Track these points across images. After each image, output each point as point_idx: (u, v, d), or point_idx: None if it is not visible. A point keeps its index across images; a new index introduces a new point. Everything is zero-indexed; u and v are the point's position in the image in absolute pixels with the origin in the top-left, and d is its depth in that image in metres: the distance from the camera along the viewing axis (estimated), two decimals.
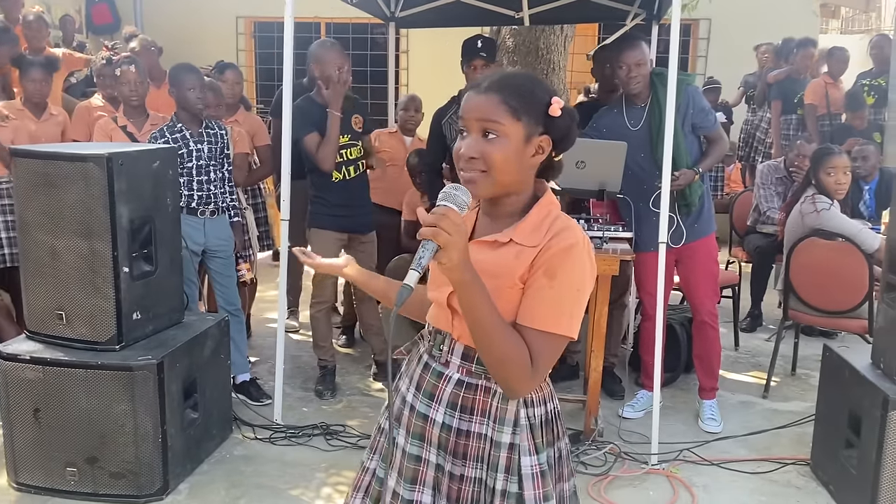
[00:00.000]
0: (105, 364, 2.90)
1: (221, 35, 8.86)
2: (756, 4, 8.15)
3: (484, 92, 1.49)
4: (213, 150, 3.81)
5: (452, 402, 1.58)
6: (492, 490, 1.56)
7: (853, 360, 3.10)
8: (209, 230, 3.83)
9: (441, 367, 1.61)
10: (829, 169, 4.08)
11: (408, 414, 1.64)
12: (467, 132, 1.51)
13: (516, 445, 1.56)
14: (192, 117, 3.78)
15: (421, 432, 1.61)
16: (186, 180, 3.75)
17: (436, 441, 1.60)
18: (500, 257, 1.50)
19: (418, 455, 1.62)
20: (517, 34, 5.46)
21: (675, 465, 3.37)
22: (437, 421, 1.59)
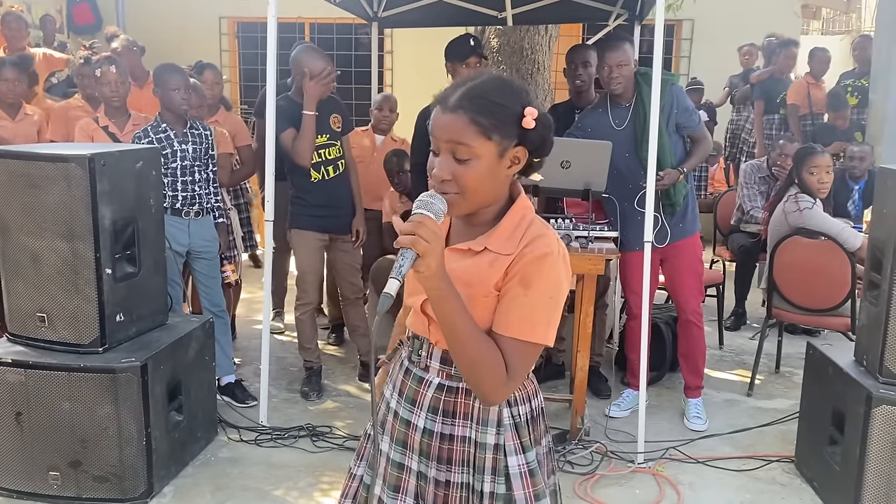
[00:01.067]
0: (88, 367, 2.87)
1: (204, 35, 8.80)
2: (738, 5, 8.21)
3: (452, 110, 1.42)
4: (197, 151, 3.79)
5: (433, 407, 1.57)
6: (479, 493, 1.55)
7: (836, 357, 3.13)
8: (194, 231, 3.80)
9: (421, 371, 1.60)
10: (812, 168, 4.11)
11: (391, 420, 1.64)
12: (438, 151, 1.45)
13: (501, 446, 1.55)
14: (177, 118, 3.76)
15: (404, 438, 1.61)
16: (171, 181, 3.72)
17: (417, 447, 1.59)
18: (474, 265, 1.48)
19: (401, 462, 1.61)
20: (502, 34, 5.47)
21: (661, 464, 3.39)
22: (418, 426, 1.58)
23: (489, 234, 1.49)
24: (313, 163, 3.83)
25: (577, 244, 3.37)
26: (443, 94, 1.47)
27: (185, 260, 3.85)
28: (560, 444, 3.46)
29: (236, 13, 8.92)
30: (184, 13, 8.72)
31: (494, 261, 1.47)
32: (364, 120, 5.25)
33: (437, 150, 1.46)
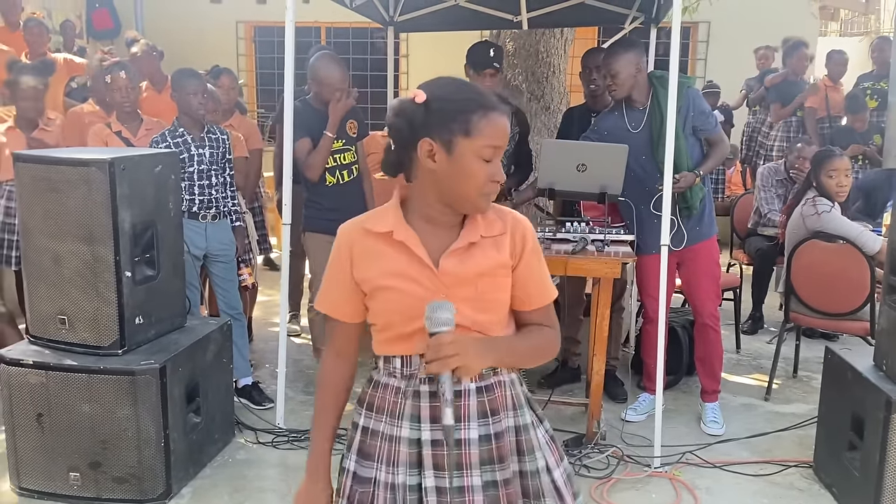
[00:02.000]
0: (108, 368, 2.90)
1: (222, 40, 8.88)
2: (755, 7, 8.17)
3: (506, 116, 1.50)
4: (214, 155, 3.82)
5: (481, 412, 1.57)
6: (534, 472, 1.60)
7: (855, 362, 3.10)
8: (211, 234, 3.83)
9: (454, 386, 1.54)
10: (831, 171, 4.08)
11: (431, 451, 1.53)
12: (494, 157, 1.49)
13: (533, 422, 1.66)
14: (194, 122, 3.79)
15: (458, 461, 1.54)
16: (188, 185, 3.76)
17: (477, 460, 1.55)
18: (483, 255, 1.54)
19: (460, 486, 1.53)
20: (517, 38, 5.48)
21: (677, 468, 3.37)
22: (472, 439, 1.55)
23: (472, 225, 1.55)
24: (328, 167, 3.86)
25: (594, 247, 3.37)
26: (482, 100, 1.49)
27: (202, 263, 3.89)
28: (576, 448, 3.46)
29: (253, 17, 8.99)
30: (201, 18, 8.80)
31: (496, 243, 1.56)
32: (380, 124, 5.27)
33: (493, 156, 1.49)
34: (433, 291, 1.50)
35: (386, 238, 1.53)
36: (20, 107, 4.24)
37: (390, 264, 1.53)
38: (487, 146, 1.46)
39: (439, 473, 1.52)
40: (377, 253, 1.54)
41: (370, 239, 1.55)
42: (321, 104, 3.84)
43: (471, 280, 1.52)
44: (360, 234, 1.57)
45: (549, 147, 3.60)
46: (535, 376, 4.31)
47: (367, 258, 1.55)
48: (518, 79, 5.47)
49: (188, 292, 3.68)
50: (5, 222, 4.28)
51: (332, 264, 1.61)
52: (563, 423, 3.76)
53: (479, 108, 1.46)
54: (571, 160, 3.44)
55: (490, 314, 1.56)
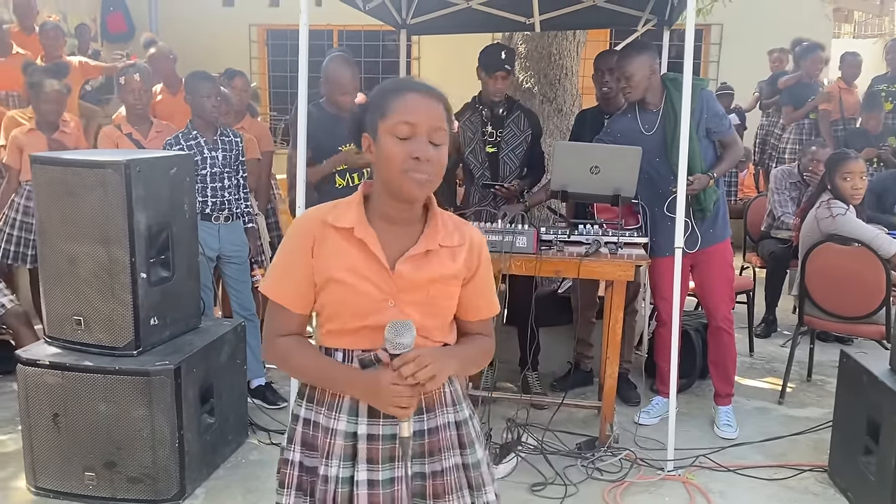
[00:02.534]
0: (123, 369, 2.92)
1: (235, 43, 8.92)
2: (768, 9, 8.13)
3: (431, 97, 1.52)
4: (227, 158, 3.84)
5: (417, 409, 1.59)
6: (473, 464, 1.65)
7: (871, 365, 3.08)
8: (224, 236, 3.86)
9: None
10: (846, 174, 4.05)
11: (366, 446, 1.57)
12: (413, 134, 1.50)
13: (471, 415, 1.71)
14: (208, 125, 3.82)
15: (391, 454, 1.58)
16: (200, 187, 3.78)
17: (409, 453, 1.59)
18: (439, 263, 1.58)
19: (391, 478, 1.58)
20: (529, 40, 5.47)
21: (691, 472, 3.36)
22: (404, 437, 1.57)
23: (432, 233, 1.59)
24: (339, 169, 3.87)
25: (607, 250, 3.37)
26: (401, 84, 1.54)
27: (215, 265, 3.91)
28: (589, 451, 3.45)
29: (266, 21, 9.03)
30: (215, 21, 8.85)
31: (453, 254, 1.60)
32: None
33: (411, 133, 1.50)
34: (385, 292, 1.54)
35: (346, 234, 1.56)
36: (42, 109, 4.28)
37: (347, 260, 1.55)
38: (400, 122, 1.49)
39: (372, 467, 1.57)
40: (336, 247, 1.56)
41: (330, 232, 1.57)
42: (332, 107, 3.85)
43: (423, 286, 1.57)
44: (321, 225, 1.59)
45: (562, 149, 3.60)
46: (547, 379, 4.31)
47: (325, 250, 1.57)
48: (530, 81, 5.47)
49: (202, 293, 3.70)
50: (23, 221, 4.35)
51: (288, 252, 1.61)
52: (575, 425, 3.75)
53: (393, 90, 1.52)
54: (584, 162, 3.44)
55: (436, 319, 1.61)
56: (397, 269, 1.55)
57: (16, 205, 4.38)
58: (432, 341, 1.61)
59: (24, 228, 4.35)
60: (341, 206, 1.61)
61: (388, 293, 1.55)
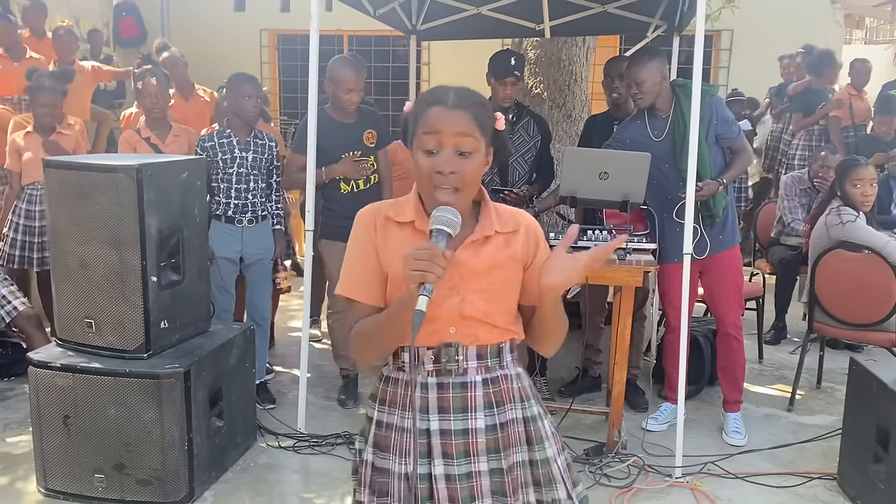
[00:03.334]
0: (133, 372, 2.94)
1: (245, 48, 8.98)
2: (779, 15, 8.12)
3: (455, 108, 1.53)
4: (257, 160, 3.87)
5: (487, 403, 1.63)
6: (543, 461, 1.67)
7: (881, 373, 3.06)
8: (247, 238, 3.89)
9: (460, 377, 1.63)
10: (856, 181, 4.04)
11: (440, 441, 1.61)
12: (439, 148, 1.53)
13: (541, 413, 1.71)
14: (244, 125, 3.87)
15: (465, 449, 1.62)
16: (226, 186, 3.82)
17: (484, 448, 1.62)
18: (495, 249, 1.62)
19: (468, 472, 1.61)
20: (539, 46, 5.48)
21: (699, 479, 3.35)
22: (479, 428, 1.62)
23: (487, 221, 1.63)
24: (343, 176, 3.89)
25: (616, 255, 3.37)
26: (431, 98, 1.56)
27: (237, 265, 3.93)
28: (597, 457, 3.44)
29: (277, 26, 9.07)
30: (226, 26, 8.90)
31: (508, 240, 1.63)
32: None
33: (436, 146, 1.54)
34: (448, 282, 1.55)
35: (408, 227, 1.61)
36: (37, 113, 4.36)
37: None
38: (425, 135, 1.54)
39: (448, 461, 1.60)
40: (399, 240, 1.60)
41: (392, 226, 1.62)
42: (337, 112, 3.88)
43: (483, 272, 1.60)
44: (383, 220, 1.63)
45: (571, 155, 3.60)
46: (555, 384, 4.31)
47: (389, 244, 1.61)
48: (540, 87, 5.48)
49: (221, 296, 3.73)
50: (26, 225, 4.37)
51: (355, 248, 1.65)
52: (583, 431, 3.75)
53: (422, 104, 1.56)
54: (593, 168, 3.44)
55: (498, 304, 1.63)
56: (458, 257, 1.57)
57: (18, 209, 4.41)
58: (499, 328, 1.63)
59: (27, 232, 4.38)
60: (401, 203, 1.66)
61: (450, 283, 1.57)
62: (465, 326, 1.60)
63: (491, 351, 1.64)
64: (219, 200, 3.85)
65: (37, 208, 4.35)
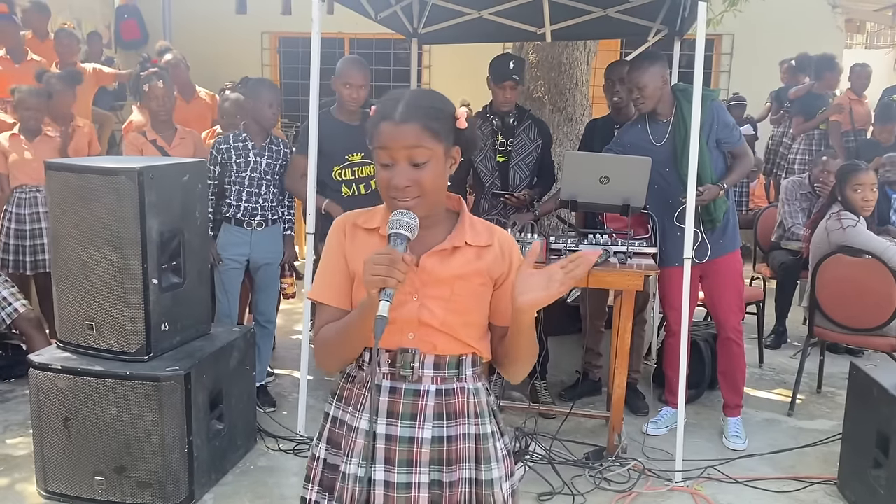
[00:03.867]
0: (133, 374, 2.94)
1: (247, 50, 9.00)
2: (780, 19, 8.13)
3: (403, 120, 1.51)
4: (271, 165, 3.90)
5: (437, 414, 1.61)
6: (488, 482, 1.63)
7: (881, 378, 3.06)
8: (256, 242, 3.91)
9: (414, 384, 1.60)
10: (857, 186, 4.04)
11: (384, 445, 1.59)
12: (392, 162, 1.53)
13: (495, 433, 1.67)
14: (261, 130, 3.89)
15: (408, 457, 1.59)
16: (237, 189, 3.84)
17: (427, 459, 1.59)
18: (465, 261, 1.60)
19: (408, 482, 1.59)
20: (540, 49, 5.49)
21: (699, 483, 3.35)
22: (425, 438, 1.59)
23: (459, 232, 1.61)
24: (345, 179, 3.90)
25: (616, 259, 3.37)
26: (383, 111, 1.55)
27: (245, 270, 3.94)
28: (597, 461, 3.44)
29: (278, 29, 9.10)
30: (227, 29, 8.93)
31: (479, 254, 1.61)
32: None
33: (390, 161, 1.54)
34: (408, 286, 1.54)
35: (374, 233, 1.62)
36: (21, 115, 4.36)
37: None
38: (378, 149, 1.55)
39: (389, 468, 1.58)
40: (363, 244, 1.61)
41: (359, 232, 1.64)
42: (343, 114, 3.89)
43: (446, 281, 1.58)
44: (351, 226, 1.65)
45: (572, 159, 3.61)
46: (556, 388, 4.31)
47: (356, 249, 1.62)
48: (541, 90, 5.48)
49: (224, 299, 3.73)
50: (17, 229, 4.36)
51: (327, 254, 1.67)
52: (583, 435, 3.75)
53: (375, 118, 1.56)
54: (594, 172, 3.45)
55: (459, 316, 1.60)
56: (422, 263, 1.57)
57: (7, 213, 4.39)
58: (459, 341, 1.61)
59: (18, 236, 4.37)
60: (372, 211, 1.67)
61: (411, 288, 1.56)
62: (423, 333, 1.59)
63: (450, 362, 1.61)
64: (230, 203, 3.87)
65: (26, 211, 4.35)
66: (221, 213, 3.92)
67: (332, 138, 3.82)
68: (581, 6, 4.68)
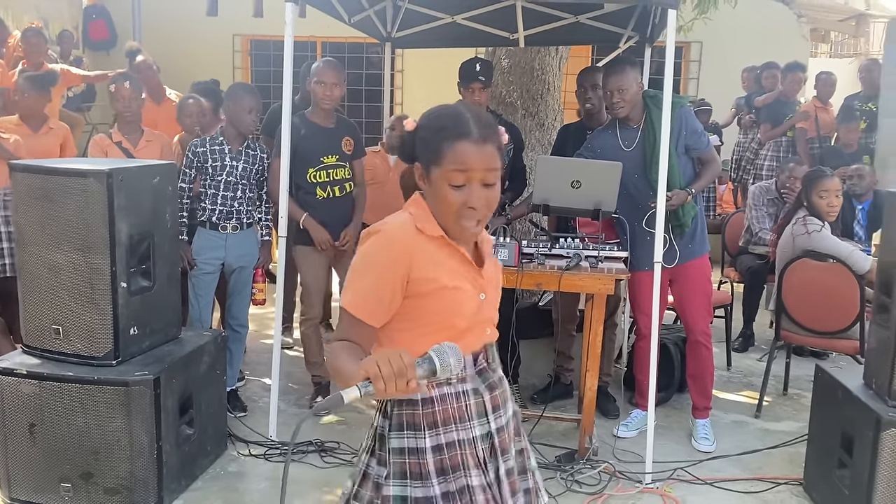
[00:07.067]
0: (101, 379, 2.90)
1: (218, 53, 8.91)
2: (747, 28, 8.26)
3: (483, 142, 1.54)
4: (247, 170, 3.87)
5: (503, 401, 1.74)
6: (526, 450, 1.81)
7: (845, 380, 3.13)
8: (230, 245, 3.88)
9: (496, 374, 1.73)
10: (822, 192, 4.12)
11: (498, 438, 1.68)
12: (468, 182, 1.53)
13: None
14: (238, 135, 3.86)
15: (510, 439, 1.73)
16: (212, 193, 3.81)
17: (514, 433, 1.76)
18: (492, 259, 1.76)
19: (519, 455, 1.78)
20: (512, 55, 5.52)
21: (669, 484, 3.39)
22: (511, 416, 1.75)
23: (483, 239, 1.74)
24: (320, 182, 3.89)
25: (588, 263, 3.40)
26: (459, 128, 1.53)
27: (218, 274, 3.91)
28: (568, 464, 3.46)
29: (250, 31, 9.02)
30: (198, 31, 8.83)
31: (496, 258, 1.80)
32: (375, 139, 5.30)
33: (465, 181, 1.53)
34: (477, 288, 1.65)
35: (439, 241, 1.60)
36: None
37: (452, 265, 1.61)
38: (453, 171, 1.53)
39: (506, 457, 1.69)
40: (436, 255, 1.60)
41: (423, 241, 1.59)
42: (317, 116, 3.88)
43: (496, 281, 1.74)
44: (415, 235, 1.59)
45: (544, 163, 3.64)
46: (527, 391, 4.32)
47: (427, 260, 1.58)
48: (513, 95, 5.51)
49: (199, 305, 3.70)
50: None
51: (380, 267, 1.57)
52: (555, 438, 3.77)
53: (446, 137, 1.53)
54: (566, 177, 3.48)
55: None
56: (486, 266, 1.70)
57: None
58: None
59: None
60: (422, 217, 1.62)
61: (479, 288, 1.66)
62: (493, 328, 1.72)
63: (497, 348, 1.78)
64: (204, 207, 3.83)
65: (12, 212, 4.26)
66: (196, 216, 3.88)
67: (308, 140, 3.81)
68: (554, 12, 4.72)
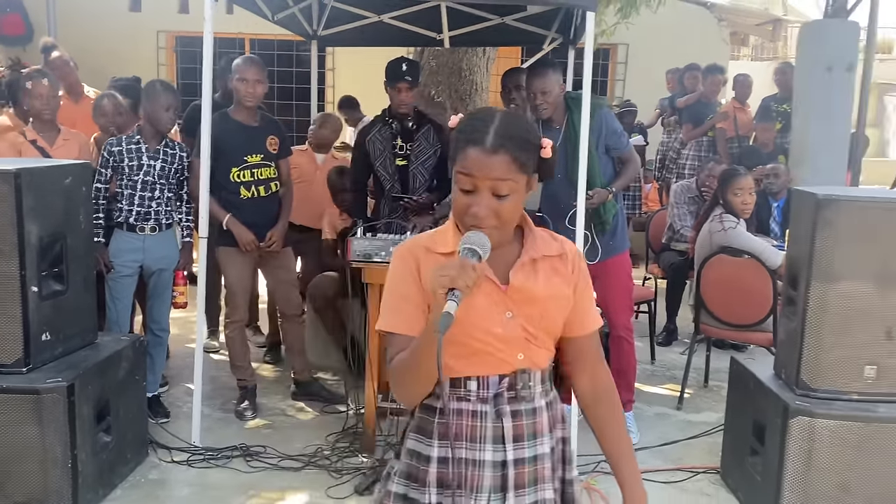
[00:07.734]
0: (10, 387, 2.79)
1: (142, 49, 8.68)
2: (671, 32, 8.50)
3: (493, 151, 1.45)
4: (165, 169, 3.77)
5: (550, 427, 1.63)
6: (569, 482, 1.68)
7: (757, 371, 3.25)
8: (149, 247, 3.78)
9: (530, 403, 1.59)
10: (737, 190, 4.28)
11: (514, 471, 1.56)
12: (475, 190, 1.47)
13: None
14: (155, 134, 3.76)
15: (535, 476, 1.58)
16: (129, 193, 3.71)
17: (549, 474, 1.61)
18: (546, 277, 1.57)
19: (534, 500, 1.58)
20: (440, 55, 5.55)
21: (593, 477, 3.44)
22: (545, 454, 1.60)
23: (530, 243, 1.58)
24: (244, 181, 3.83)
25: None
26: (473, 133, 1.48)
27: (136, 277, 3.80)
28: None
29: (175, 27, 8.81)
30: (120, 26, 8.57)
31: (553, 265, 1.59)
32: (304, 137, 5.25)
33: (472, 187, 1.47)
34: (499, 305, 1.53)
35: (450, 258, 1.50)
36: None
37: None
38: (461, 174, 1.48)
39: (520, 493, 1.56)
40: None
41: (434, 258, 1.54)
42: (240, 114, 3.82)
43: (540, 301, 1.56)
44: (424, 252, 1.56)
45: None
46: None
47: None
48: (441, 96, 5.54)
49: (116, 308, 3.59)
50: None
51: (394, 282, 1.56)
52: None
53: (460, 140, 1.49)
54: None
55: (550, 332, 1.60)
56: (511, 281, 1.54)
57: None
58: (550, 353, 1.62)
59: None
60: (437, 234, 1.59)
61: (504, 307, 1.53)
62: (530, 352, 1.57)
63: (547, 375, 1.63)
64: (121, 207, 3.72)
65: None
66: (112, 218, 3.77)
67: (231, 138, 3.74)
68: (479, 13, 4.76)
